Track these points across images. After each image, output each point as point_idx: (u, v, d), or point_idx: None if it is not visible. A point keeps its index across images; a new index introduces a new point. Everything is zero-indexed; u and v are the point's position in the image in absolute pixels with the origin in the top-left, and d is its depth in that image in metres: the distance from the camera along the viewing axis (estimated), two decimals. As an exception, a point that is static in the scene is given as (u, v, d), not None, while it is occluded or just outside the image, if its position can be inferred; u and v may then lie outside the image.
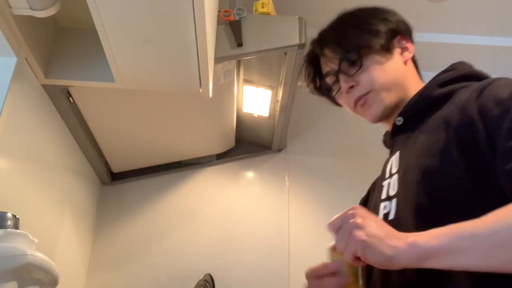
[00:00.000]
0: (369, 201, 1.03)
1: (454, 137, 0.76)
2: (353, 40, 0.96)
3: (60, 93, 1.38)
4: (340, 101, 1.03)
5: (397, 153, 0.90)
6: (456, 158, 0.74)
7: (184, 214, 1.83)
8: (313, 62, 1.05)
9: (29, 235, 0.87)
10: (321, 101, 2.30)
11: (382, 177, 0.95)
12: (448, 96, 0.86)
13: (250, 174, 1.96)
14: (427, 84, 0.92)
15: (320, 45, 1.01)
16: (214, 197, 1.88)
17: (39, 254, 0.85)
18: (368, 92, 0.94)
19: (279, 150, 2.00)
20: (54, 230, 1.45)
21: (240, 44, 1.43)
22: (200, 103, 1.63)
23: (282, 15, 1.54)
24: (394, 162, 0.90)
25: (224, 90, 1.63)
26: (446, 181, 0.74)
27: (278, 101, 1.74)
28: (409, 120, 0.90)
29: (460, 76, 0.90)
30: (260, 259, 1.75)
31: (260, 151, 1.99)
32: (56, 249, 1.46)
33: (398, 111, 0.93)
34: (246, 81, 1.76)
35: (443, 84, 0.89)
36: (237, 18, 1.46)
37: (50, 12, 1.10)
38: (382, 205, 0.88)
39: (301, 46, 1.47)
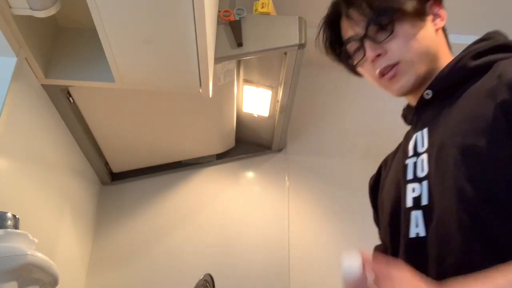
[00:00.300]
0: (383, 179, 0.97)
1: (501, 115, 0.68)
2: (386, 1, 0.85)
3: (60, 93, 1.38)
4: (362, 71, 0.94)
5: (425, 130, 0.82)
6: (504, 138, 0.67)
7: (184, 214, 1.83)
8: (333, 25, 0.94)
9: (29, 235, 0.87)
10: (321, 101, 2.31)
11: (403, 155, 0.86)
12: (485, 68, 0.77)
13: (250, 174, 1.96)
14: (460, 55, 0.83)
15: (347, 4, 0.89)
16: (214, 197, 1.88)
17: (39, 254, 0.85)
18: (397, 63, 0.84)
19: (279, 150, 2.00)
20: (54, 230, 1.45)
21: (240, 44, 1.43)
22: (200, 103, 1.63)
23: (282, 15, 1.54)
24: (420, 140, 0.82)
25: (224, 90, 1.63)
26: (493, 165, 0.67)
27: (278, 101, 1.74)
28: (438, 93, 0.82)
29: (497, 46, 0.81)
30: (260, 259, 1.75)
31: (260, 151, 1.99)
32: (56, 249, 1.46)
33: (426, 85, 0.84)
34: (246, 81, 1.76)
35: (479, 55, 0.80)
36: (237, 18, 1.46)
37: (50, 12, 1.10)
38: (410, 186, 0.80)
39: (301, 46, 1.47)
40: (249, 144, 2.00)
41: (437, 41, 0.87)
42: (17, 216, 0.89)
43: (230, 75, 1.60)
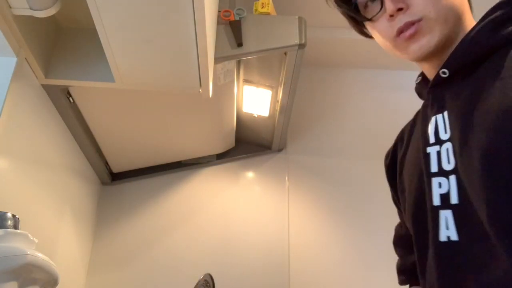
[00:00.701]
0: (400, 157, 0.87)
1: None
2: None
3: (60, 93, 1.38)
4: (374, 29, 0.81)
5: (445, 114, 0.72)
6: None
7: (184, 214, 1.83)
8: None
9: (29, 235, 0.87)
10: (321, 101, 2.31)
11: (424, 141, 0.75)
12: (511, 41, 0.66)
13: (250, 174, 1.96)
14: (478, 25, 0.71)
15: None
16: (214, 197, 1.88)
17: (39, 254, 0.85)
18: (420, 19, 0.73)
19: (279, 150, 2.00)
20: (54, 230, 1.45)
21: (240, 44, 1.43)
22: (200, 103, 1.63)
23: (282, 15, 1.54)
24: (441, 124, 0.72)
25: (224, 90, 1.63)
26: None
27: (278, 101, 1.74)
28: (456, 72, 0.72)
29: None
30: (260, 259, 1.75)
31: (260, 151, 1.99)
32: (56, 249, 1.46)
33: (447, 50, 0.74)
34: (246, 81, 1.76)
35: (501, 24, 0.68)
36: (237, 18, 1.46)
37: (50, 12, 1.10)
38: (436, 181, 0.71)
39: (301, 46, 1.47)
40: (249, 144, 2.00)
41: (462, 1, 0.76)
42: (17, 216, 0.89)
43: (230, 75, 1.59)
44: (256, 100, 1.81)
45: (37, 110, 1.31)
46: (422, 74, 0.84)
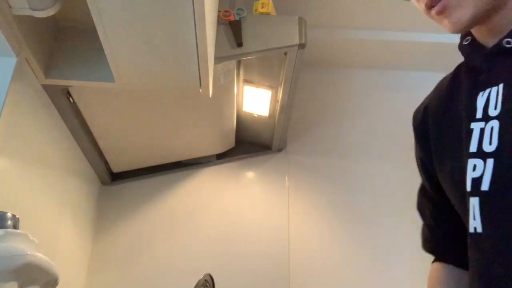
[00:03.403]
0: (438, 122, 0.76)
1: None
2: None
3: (60, 93, 1.38)
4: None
5: (500, 86, 0.63)
6: None
7: (184, 214, 1.83)
8: None
9: (29, 235, 0.87)
10: (321, 101, 2.31)
11: (469, 113, 0.66)
12: None
13: (250, 174, 1.96)
14: None
15: None
16: (214, 197, 1.88)
17: (39, 254, 0.84)
18: None
19: (279, 150, 2.00)
20: (54, 230, 1.45)
21: (240, 44, 1.43)
22: (200, 103, 1.63)
23: (282, 15, 1.54)
24: (493, 98, 0.63)
25: (224, 90, 1.63)
26: None
27: (278, 101, 1.74)
28: None
29: None
30: (260, 259, 1.75)
31: (260, 151, 1.99)
32: (56, 249, 1.46)
33: (500, 14, 0.65)
34: (246, 81, 1.76)
35: None
36: (237, 18, 1.46)
37: (50, 12, 1.10)
38: (471, 162, 0.63)
39: (301, 46, 1.47)
40: (249, 144, 2.00)
41: None
42: (17, 216, 0.89)
43: (230, 75, 1.59)
44: (256, 100, 1.81)
45: (37, 110, 1.31)
46: (471, 35, 0.73)
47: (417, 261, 0.90)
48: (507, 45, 0.64)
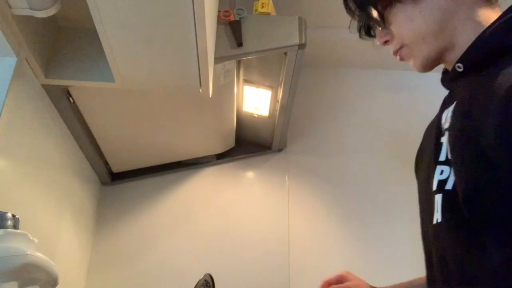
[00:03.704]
0: (421, 150, 0.89)
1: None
2: None
3: (60, 93, 1.38)
4: None
5: (454, 104, 0.73)
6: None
7: (184, 214, 1.83)
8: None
9: (29, 235, 0.87)
10: (321, 101, 2.31)
11: (437, 129, 0.77)
12: None
13: (250, 174, 1.96)
14: (495, 24, 0.71)
15: None
16: (214, 197, 1.88)
17: (39, 254, 0.84)
18: (401, 47, 0.81)
19: (279, 150, 2.00)
20: (54, 230, 1.45)
21: (240, 44, 1.43)
22: (200, 103, 1.63)
23: (282, 15, 1.54)
24: (449, 114, 0.73)
25: (224, 90, 1.63)
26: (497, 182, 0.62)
27: (278, 101, 1.74)
28: (471, 67, 0.73)
29: None
30: (260, 259, 1.75)
31: (260, 151, 1.99)
32: (56, 249, 1.46)
33: (454, 51, 0.76)
34: (246, 81, 1.76)
35: None
36: (237, 18, 1.46)
37: (50, 12, 1.10)
38: (439, 168, 0.73)
39: (301, 46, 1.47)
40: (249, 144, 2.00)
41: (450, 7, 0.75)
42: (17, 216, 0.89)
43: (230, 75, 1.60)
44: (256, 100, 1.81)
45: (37, 110, 1.31)
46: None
47: (416, 260, 0.90)
48: (459, 69, 0.75)
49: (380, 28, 0.83)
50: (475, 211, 0.65)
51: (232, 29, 1.45)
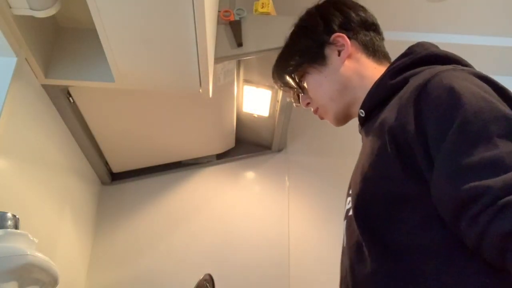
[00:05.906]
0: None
1: (390, 142, 0.73)
2: (284, 67, 1.00)
3: (60, 93, 1.38)
4: None
5: (369, 138, 0.86)
6: (391, 166, 0.72)
7: (184, 214, 1.83)
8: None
9: (29, 235, 0.87)
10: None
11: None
12: (402, 85, 0.79)
13: (250, 174, 1.96)
14: (383, 73, 0.86)
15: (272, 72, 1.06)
16: (214, 197, 1.88)
17: (39, 254, 0.84)
18: (317, 108, 1.00)
19: (279, 150, 2.00)
20: (54, 230, 1.45)
21: (240, 44, 1.43)
22: (200, 103, 1.63)
23: (282, 15, 1.53)
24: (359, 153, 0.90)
25: (224, 90, 1.63)
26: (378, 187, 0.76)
27: (278, 101, 1.74)
28: (370, 111, 0.89)
29: (415, 61, 0.82)
30: (260, 259, 1.75)
31: (260, 151, 1.99)
32: (56, 249, 1.46)
33: (358, 105, 0.92)
34: (246, 81, 1.76)
35: (398, 72, 0.83)
36: (237, 18, 1.46)
37: (50, 12, 1.10)
38: (349, 199, 0.89)
39: (301, 46, 1.46)
40: (249, 144, 2.00)
41: (346, 72, 0.92)
42: (17, 216, 0.89)
43: (230, 75, 1.60)
44: (256, 100, 1.81)
45: (37, 110, 1.31)
46: None
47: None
48: (361, 115, 0.91)
49: (302, 94, 1.00)
50: (361, 224, 0.77)
51: (232, 29, 1.45)
